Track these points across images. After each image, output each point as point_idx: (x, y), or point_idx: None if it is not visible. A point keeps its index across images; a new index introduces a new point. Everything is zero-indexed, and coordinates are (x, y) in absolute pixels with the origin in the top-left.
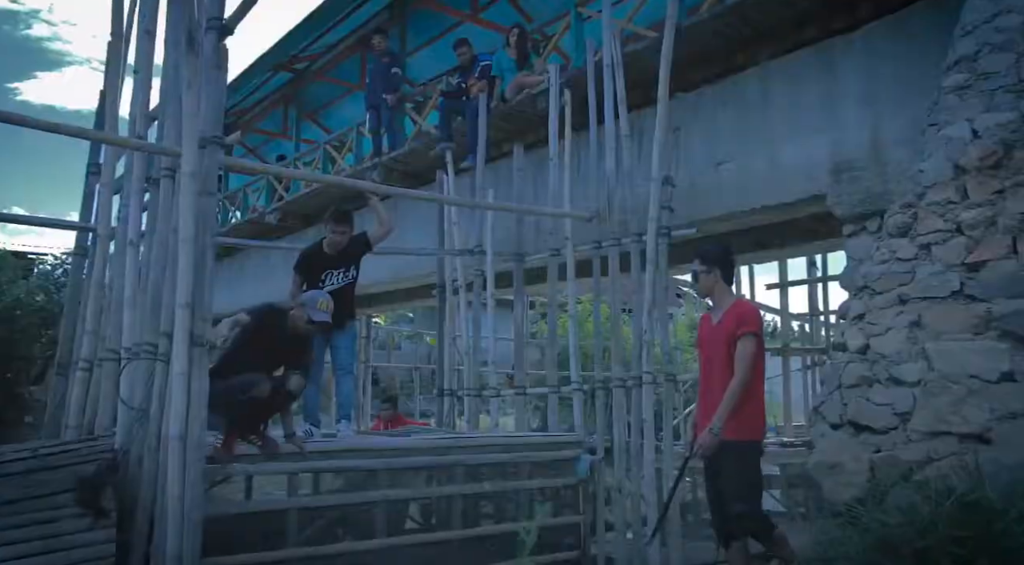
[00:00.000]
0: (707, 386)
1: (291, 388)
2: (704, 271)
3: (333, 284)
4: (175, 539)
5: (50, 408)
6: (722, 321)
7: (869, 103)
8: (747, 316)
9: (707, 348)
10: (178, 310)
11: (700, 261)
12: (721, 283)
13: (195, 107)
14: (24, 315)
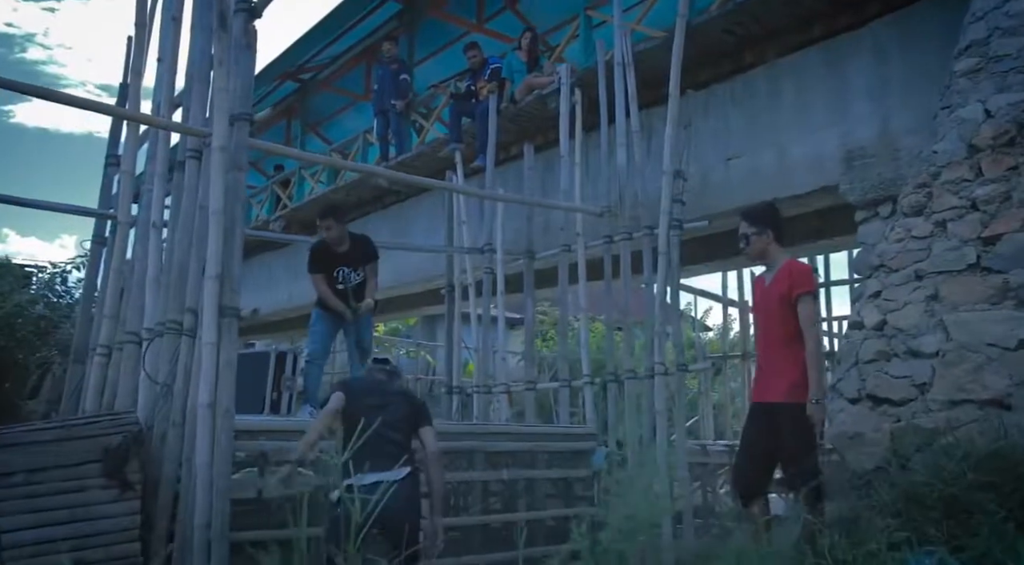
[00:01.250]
0: (764, 347)
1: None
2: (755, 232)
3: (346, 281)
4: (203, 508)
5: (66, 395)
6: (775, 281)
7: (878, 96)
8: (801, 275)
9: (762, 309)
10: (208, 281)
11: (750, 222)
12: (774, 244)
13: (226, 83)
14: (24, 324)
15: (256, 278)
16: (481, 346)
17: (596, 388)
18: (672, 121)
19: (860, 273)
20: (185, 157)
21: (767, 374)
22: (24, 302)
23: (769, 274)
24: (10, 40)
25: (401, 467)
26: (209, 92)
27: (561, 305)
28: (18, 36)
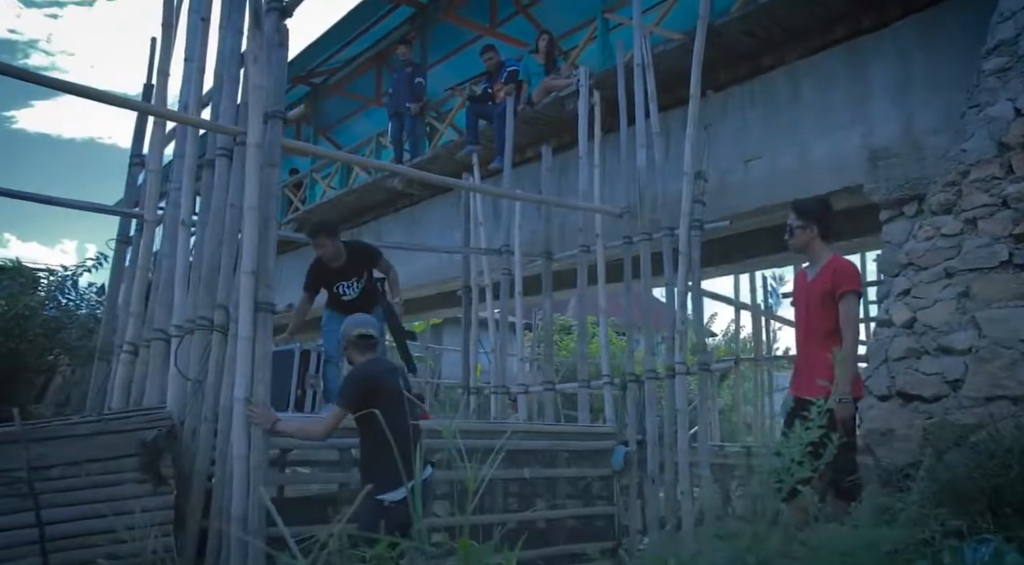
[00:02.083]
0: (803, 342)
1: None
2: (801, 226)
3: (348, 294)
4: (240, 499)
5: (92, 392)
6: (818, 277)
7: (901, 96)
8: (847, 273)
9: (802, 304)
10: (243, 276)
11: (797, 215)
12: (818, 239)
13: (261, 81)
14: (33, 327)
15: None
16: (498, 348)
17: (616, 388)
18: (692, 122)
19: (886, 272)
20: (215, 155)
21: (805, 369)
22: (34, 304)
23: (812, 269)
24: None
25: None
26: (238, 91)
27: (580, 306)
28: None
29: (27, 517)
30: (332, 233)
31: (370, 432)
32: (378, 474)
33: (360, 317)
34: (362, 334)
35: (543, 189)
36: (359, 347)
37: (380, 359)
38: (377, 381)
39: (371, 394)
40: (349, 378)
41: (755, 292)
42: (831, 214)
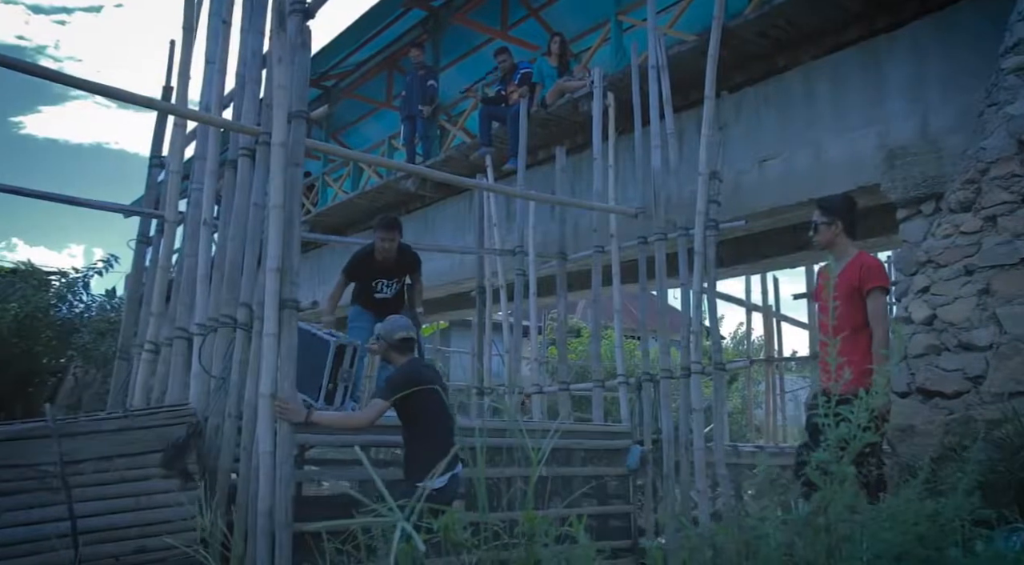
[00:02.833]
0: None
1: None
2: (826, 223)
3: (385, 293)
4: (267, 495)
5: (113, 391)
6: (844, 273)
7: (917, 96)
8: (873, 269)
9: (825, 301)
10: (268, 274)
11: (822, 211)
12: (843, 235)
13: (285, 81)
14: (46, 327)
15: None
16: (512, 349)
17: (631, 388)
18: (707, 123)
19: (904, 270)
20: (238, 155)
21: (830, 365)
22: (46, 306)
23: (837, 265)
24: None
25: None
26: (259, 92)
27: (595, 306)
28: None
29: (60, 510)
30: (401, 232)
31: (411, 427)
32: (418, 464)
33: (400, 320)
34: (404, 337)
35: (557, 189)
36: (400, 349)
37: (419, 359)
38: (418, 381)
39: (412, 392)
40: (394, 377)
41: (766, 293)
42: (856, 210)
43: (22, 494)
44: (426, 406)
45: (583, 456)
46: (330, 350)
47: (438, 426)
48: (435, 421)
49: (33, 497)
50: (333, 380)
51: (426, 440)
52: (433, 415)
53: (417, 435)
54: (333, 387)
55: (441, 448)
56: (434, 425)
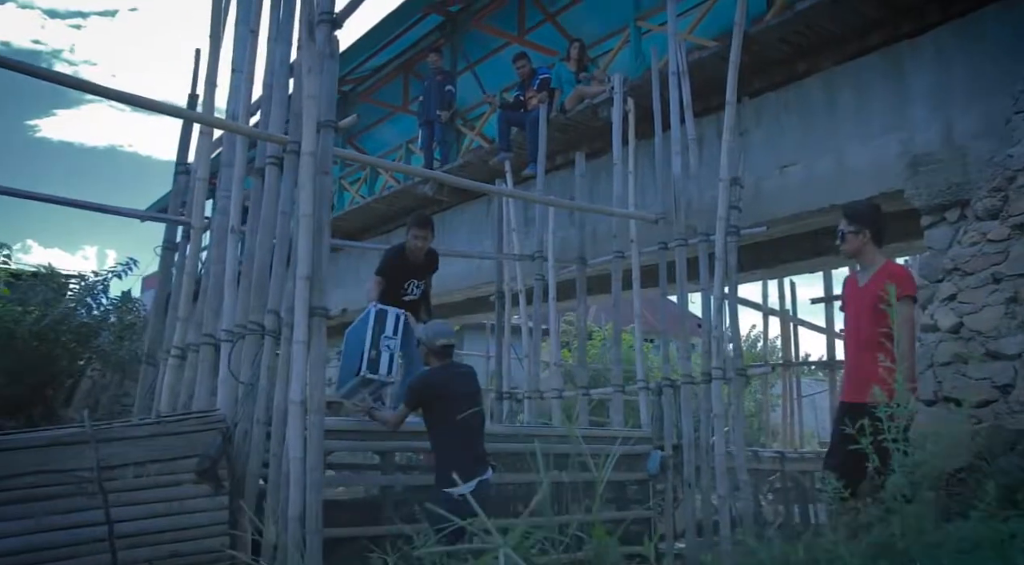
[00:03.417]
0: (854, 347)
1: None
2: (853, 231)
3: (412, 294)
4: (297, 500)
5: (140, 396)
6: (870, 283)
7: (941, 102)
8: (901, 278)
9: (852, 310)
10: (298, 282)
11: (849, 220)
12: (871, 244)
13: (315, 91)
14: (66, 332)
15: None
16: (531, 352)
17: (651, 393)
18: (729, 129)
19: (928, 277)
20: (265, 163)
21: (857, 374)
22: (67, 309)
23: (863, 274)
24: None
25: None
26: (286, 100)
27: (615, 311)
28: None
29: (96, 515)
30: (434, 228)
31: (436, 433)
32: (445, 471)
33: (443, 326)
34: (445, 344)
35: (577, 195)
36: (439, 355)
37: (452, 364)
38: (439, 387)
39: (433, 398)
40: (413, 383)
41: (783, 298)
42: (883, 219)
43: (60, 499)
44: (450, 413)
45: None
46: (370, 317)
47: (461, 432)
48: (458, 428)
49: (70, 502)
50: (375, 346)
51: (451, 446)
52: (455, 422)
53: (443, 442)
54: (376, 354)
55: (466, 454)
56: (458, 431)
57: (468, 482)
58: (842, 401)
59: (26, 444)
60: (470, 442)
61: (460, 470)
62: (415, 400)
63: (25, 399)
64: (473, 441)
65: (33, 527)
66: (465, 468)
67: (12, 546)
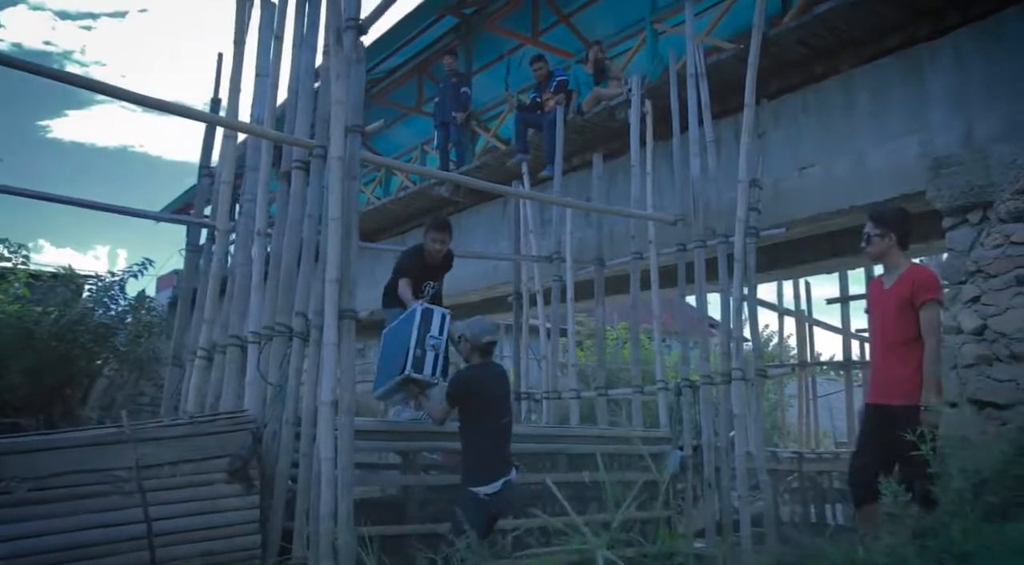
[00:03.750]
0: (880, 349)
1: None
2: (879, 235)
3: (427, 295)
4: (328, 500)
5: (166, 396)
6: (895, 286)
7: (961, 104)
8: (927, 282)
9: (877, 313)
10: (327, 285)
11: (875, 223)
12: (896, 247)
13: (343, 96)
14: (84, 332)
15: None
16: (550, 353)
17: (671, 394)
18: (747, 130)
19: (950, 279)
20: (291, 167)
21: (883, 376)
22: (85, 310)
23: (889, 277)
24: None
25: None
26: (311, 105)
27: (634, 313)
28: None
29: (133, 514)
30: (451, 231)
31: (468, 432)
32: (472, 470)
33: (486, 323)
34: (490, 341)
35: (595, 196)
36: (482, 352)
37: (490, 363)
38: (478, 385)
39: (470, 396)
40: (455, 379)
41: (799, 297)
42: (909, 222)
43: (99, 498)
44: (485, 412)
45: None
46: (416, 314)
47: (492, 432)
48: (489, 427)
49: (108, 501)
50: (420, 345)
51: (481, 445)
52: (487, 422)
53: (473, 440)
54: (421, 353)
55: (495, 454)
56: (490, 432)
57: (495, 482)
58: (868, 402)
59: (67, 444)
60: (500, 443)
61: (488, 470)
62: (458, 397)
63: (44, 398)
64: (503, 442)
65: (74, 525)
66: (493, 468)
67: (54, 544)
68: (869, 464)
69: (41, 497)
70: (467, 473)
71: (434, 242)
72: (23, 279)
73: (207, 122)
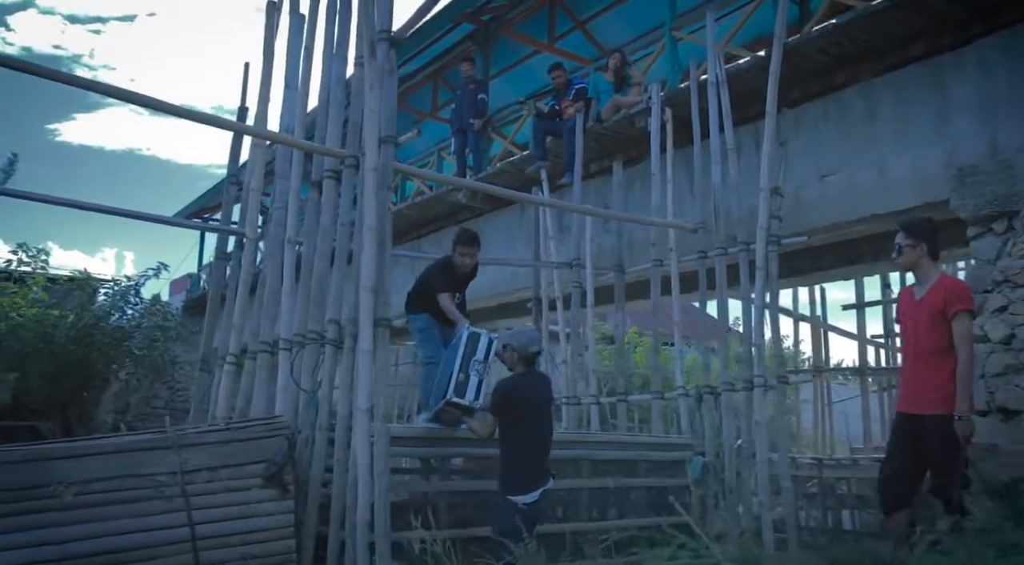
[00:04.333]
0: (912, 358)
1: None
2: (910, 245)
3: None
4: (365, 506)
5: (196, 401)
6: (927, 296)
7: (985, 114)
8: (960, 292)
9: (909, 323)
10: (363, 293)
11: (906, 234)
12: (927, 258)
13: (375, 106)
14: (101, 336)
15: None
16: (569, 359)
17: (691, 400)
18: (769, 139)
19: (975, 287)
20: (323, 176)
21: (914, 386)
22: (102, 314)
23: (920, 287)
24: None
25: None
26: (342, 115)
27: (655, 319)
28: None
29: (175, 518)
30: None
31: (507, 440)
32: (511, 479)
33: (532, 333)
34: (537, 351)
35: (615, 203)
36: (528, 361)
37: (534, 372)
38: (522, 393)
39: (515, 404)
40: (500, 388)
41: (814, 303)
42: (938, 234)
43: (142, 502)
44: (525, 421)
45: (646, 467)
46: (463, 337)
47: (533, 441)
48: (530, 436)
49: (151, 505)
50: (464, 369)
51: (521, 454)
52: (529, 430)
53: (514, 447)
54: (464, 378)
55: (534, 464)
56: (529, 440)
57: (533, 492)
58: (899, 412)
59: (111, 449)
60: (540, 452)
61: (527, 479)
62: (502, 406)
63: (62, 401)
64: (543, 451)
65: (118, 529)
66: (532, 478)
67: (100, 547)
68: (899, 472)
69: (87, 501)
70: (505, 481)
71: (463, 256)
72: (41, 283)
73: (240, 132)
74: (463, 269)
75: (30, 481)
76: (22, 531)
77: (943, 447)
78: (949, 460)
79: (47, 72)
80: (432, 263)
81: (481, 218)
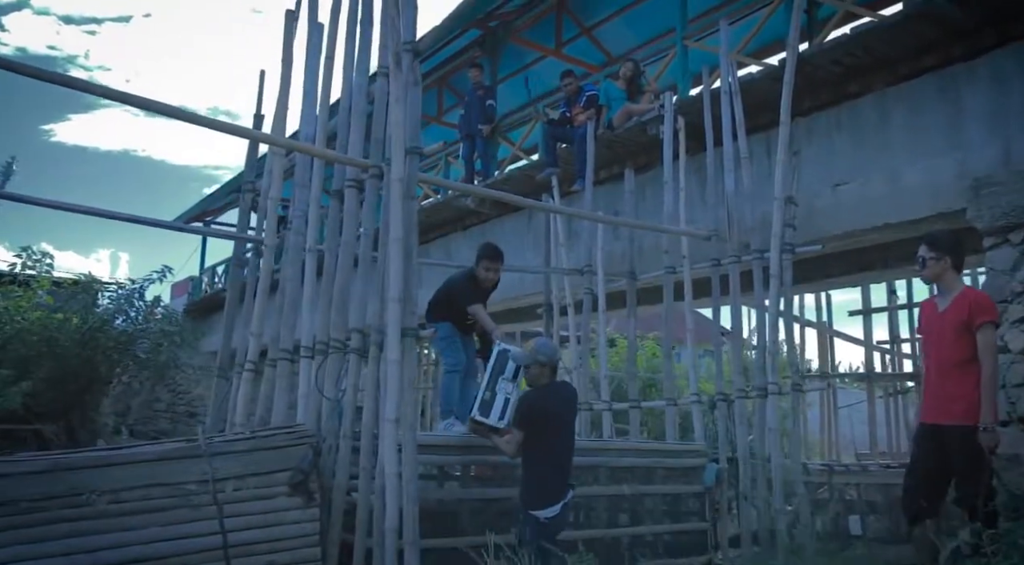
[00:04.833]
0: (935, 370)
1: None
2: (934, 258)
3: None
4: (393, 514)
5: (214, 407)
6: (951, 308)
7: (998, 125)
8: (984, 304)
9: (932, 335)
10: (390, 303)
11: (930, 247)
12: (951, 271)
13: (401, 117)
14: (105, 339)
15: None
16: (578, 365)
17: (705, 406)
18: (783, 147)
19: (992, 297)
20: (344, 186)
21: (938, 396)
22: (107, 317)
23: (943, 299)
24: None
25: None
26: (364, 126)
27: (666, 326)
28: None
29: (209, 526)
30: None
31: (531, 452)
32: (533, 492)
33: (554, 344)
34: (559, 359)
35: (626, 210)
36: (554, 371)
37: (560, 383)
38: (546, 408)
39: (538, 419)
40: (525, 401)
41: (820, 309)
42: (962, 246)
43: (172, 510)
44: (549, 433)
45: (662, 474)
46: (493, 354)
47: (555, 455)
48: (553, 450)
49: (181, 513)
50: (491, 388)
51: (544, 466)
52: (552, 444)
53: (537, 458)
54: (490, 396)
55: (556, 477)
56: (552, 453)
57: (554, 505)
58: (922, 422)
59: (142, 458)
60: (563, 464)
61: (548, 493)
62: (529, 420)
63: (66, 404)
64: (566, 463)
65: (149, 537)
66: (554, 491)
67: (132, 554)
68: (922, 483)
69: (118, 509)
70: (528, 495)
71: (487, 270)
72: (46, 287)
73: (263, 142)
74: (486, 283)
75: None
76: (53, 540)
77: (967, 458)
78: (974, 471)
79: (42, 73)
80: (455, 276)
81: (488, 223)
